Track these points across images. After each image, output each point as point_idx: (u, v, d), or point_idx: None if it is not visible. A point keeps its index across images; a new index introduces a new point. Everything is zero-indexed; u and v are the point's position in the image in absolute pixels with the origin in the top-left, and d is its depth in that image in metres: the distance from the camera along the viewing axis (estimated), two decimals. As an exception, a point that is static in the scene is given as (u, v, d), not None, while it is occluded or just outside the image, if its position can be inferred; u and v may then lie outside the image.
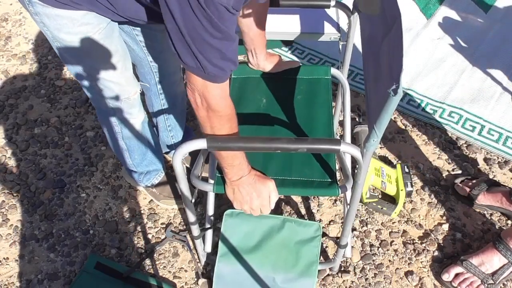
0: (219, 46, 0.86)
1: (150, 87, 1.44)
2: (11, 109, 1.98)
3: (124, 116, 1.32)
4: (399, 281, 1.45)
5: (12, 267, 1.51)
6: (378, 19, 0.97)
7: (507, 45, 2.15)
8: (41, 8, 1.00)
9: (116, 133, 1.39)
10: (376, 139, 0.88)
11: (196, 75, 0.90)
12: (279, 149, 0.95)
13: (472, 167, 1.72)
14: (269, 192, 1.11)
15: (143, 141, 1.44)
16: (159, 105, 1.51)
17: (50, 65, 2.16)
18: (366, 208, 1.61)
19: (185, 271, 1.49)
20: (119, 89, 1.22)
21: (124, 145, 1.43)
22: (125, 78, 1.22)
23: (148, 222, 1.61)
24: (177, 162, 1.01)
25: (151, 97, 1.49)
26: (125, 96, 1.25)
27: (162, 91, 1.46)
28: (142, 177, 1.57)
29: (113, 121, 1.35)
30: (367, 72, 1.07)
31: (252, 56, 1.37)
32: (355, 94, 1.99)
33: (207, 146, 0.96)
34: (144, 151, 1.48)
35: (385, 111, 0.79)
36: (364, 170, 0.98)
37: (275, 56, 1.41)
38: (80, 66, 1.15)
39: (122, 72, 1.19)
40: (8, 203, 1.67)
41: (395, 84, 0.74)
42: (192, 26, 0.82)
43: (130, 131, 1.38)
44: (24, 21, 2.40)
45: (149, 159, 1.52)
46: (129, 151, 1.45)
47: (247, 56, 1.39)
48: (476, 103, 1.93)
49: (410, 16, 2.32)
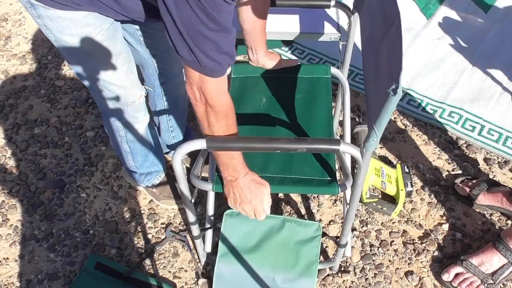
0: (214, 38, 0.85)
1: (154, 88, 1.44)
2: (11, 109, 1.98)
3: (130, 120, 1.32)
4: (399, 281, 1.45)
5: (12, 267, 1.51)
6: (378, 19, 0.97)
7: (507, 45, 2.15)
8: (43, 10, 0.99)
9: (120, 137, 1.39)
10: (375, 139, 0.88)
11: (193, 69, 0.89)
12: (278, 149, 0.95)
13: (472, 167, 1.72)
14: (262, 198, 1.10)
15: (146, 144, 1.44)
16: (162, 106, 1.51)
17: (50, 65, 2.16)
18: (366, 208, 1.61)
19: (185, 271, 1.49)
20: (124, 92, 1.22)
21: (127, 148, 1.43)
22: (130, 82, 1.21)
23: (148, 222, 1.61)
24: (177, 163, 1.01)
25: (154, 98, 1.49)
26: (131, 100, 1.25)
27: (166, 92, 1.46)
28: (142, 178, 1.57)
29: (118, 125, 1.34)
30: (367, 72, 1.07)
31: (252, 53, 1.37)
32: (355, 94, 1.99)
33: (206, 146, 0.96)
34: (147, 153, 1.48)
35: (385, 111, 0.79)
36: (364, 170, 0.98)
37: (274, 54, 1.42)
38: (84, 68, 1.15)
39: (126, 75, 1.19)
40: (8, 203, 1.67)
41: (394, 84, 0.74)
42: (186, 17, 0.80)
43: (134, 135, 1.38)
44: (24, 21, 2.40)
45: (151, 160, 1.52)
46: (132, 153, 1.45)
47: (247, 53, 1.39)
48: (476, 103, 1.93)
49: (410, 16, 2.32)
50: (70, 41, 1.06)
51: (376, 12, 1.02)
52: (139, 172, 1.54)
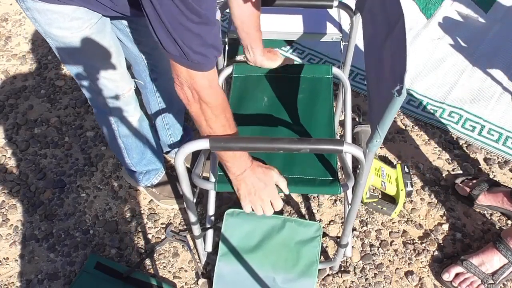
0: (197, 31, 0.84)
1: (145, 84, 1.44)
2: (11, 109, 1.98)
3: (120, 114, 1.32)
4: (399, 281, 1.45)
5: (12, 267, 1.51)
6: (381, 19, 0.98)
7: (507, 45, 2.15)
8: (31, 3, 1.00)
9: (114, 131, 1.39)
10: (379, 139, 0.88)
11: (180, 64, 0.89)
12: (281, 149, 0.95)
13: (472, 167, 1.72)
14: (274, 180, 1.10)
15: (141, 139, 1.44)
16: (156, 103, 1.51)
17: (50, 65, 2.15)
18: (366, 208, 1.61)
19: (185, 271, 1.49)
20: (114, 85, 1.22)
21: (122, 143, 1.43)
22: (119, 74, 1.21)
23: (148, 222, 1.60)
24: (179, 163, 1.01)
25: (147, 94, 1.49)
26: (120, 93, 1.25)
27: (158, 88, 1.46)
28: (141, 177, 1.57)
29: (109, 119, 1.34)
30: (369, 72, 1.07)
31: (249, 52, 1.35)
32: (355, 94, 1.99)
33: (209, 147, 0.96)
34: (143, 150, 1.48)
35: (389, 111, 0.79)
36: (367, 170, 0.98)
37: (273, 52, 1.40)
38: (74, 63, 1.15)
39: (116, 68, 1.19)
40: (8, 203, 1.66)
41: (399, 85, 0.74)
42: (168, 10, 0.80)
43: (128, 128, 1.38)
44: (24, 21, 2.40)
45: (148, 158, 1.51)
46: (127, 149, 1.45)
47: (244, 52, 1.37)
48: (476, 103, 1.93)
49: (410, 16, 2.32)
50: (59, 34, 1.06)
51: (378, 13, 1.02)
52: (138, 170, 1.53)
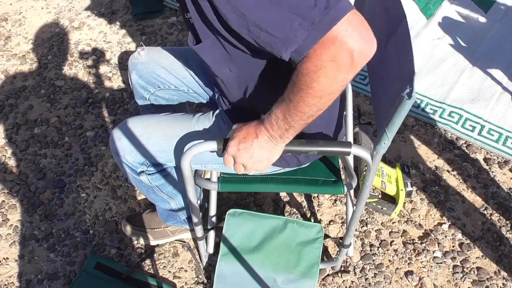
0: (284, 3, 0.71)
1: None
2: (11, 109, 1.98)
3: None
4: (399, 281, 1.46)
5: (12, 267, 1.51)
6: (381, 20, 0.97)
7: (507, 45, 2.15)
8: None
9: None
10: (387, 141, 0.88)
11: (321, 34, 0.70)
12: (289, 151, 0.94)
13: (472, 167, 1.72)
14: (264, 168, 0.95)
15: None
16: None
17: (50, 65, 2.15)
18: (366, 208, 1.61)
19: (185, 271, 1.49)
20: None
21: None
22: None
23: (149, 222, 1.60)
24: (185, 164, 1.01)
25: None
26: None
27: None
28: (167, 215, 1.47)
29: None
30: (371, 72, 1.07)
31: None
32: (355, 94, 1.99)
33: (217, 149, 0.95)
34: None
35: (398, 114, 0.79)
36: (373, 172, 0.98)
37: None
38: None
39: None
40: (8, 203, 1.66)
41: (409, 88, 0.73)
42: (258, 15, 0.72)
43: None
44: (24, 21, 2.40)
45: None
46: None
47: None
48: (476, 103, 1.93)
49: (410, 16, 2.31)
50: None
51: (378, 14, 1.02)
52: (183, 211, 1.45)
